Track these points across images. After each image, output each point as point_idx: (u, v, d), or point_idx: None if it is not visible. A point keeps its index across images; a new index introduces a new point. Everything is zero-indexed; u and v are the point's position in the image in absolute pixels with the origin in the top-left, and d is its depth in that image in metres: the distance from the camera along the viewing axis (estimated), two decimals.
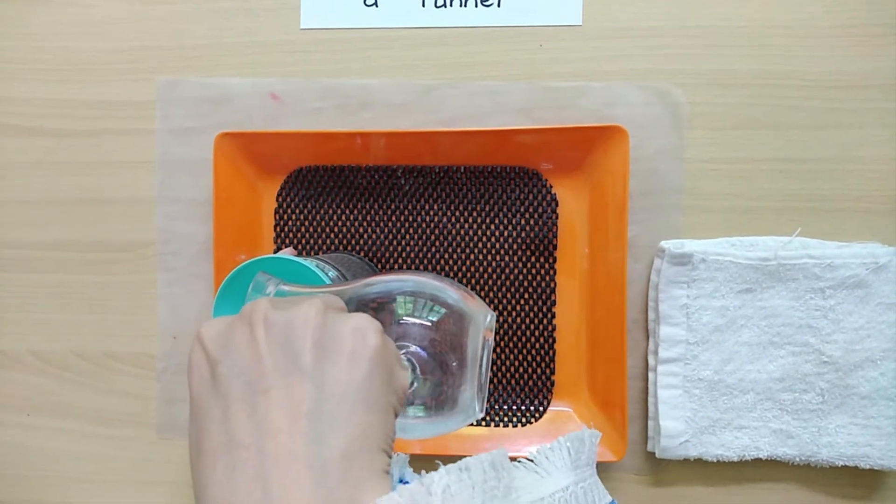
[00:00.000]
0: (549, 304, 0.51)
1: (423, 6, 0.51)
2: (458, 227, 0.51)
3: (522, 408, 0.51)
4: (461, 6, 0.51)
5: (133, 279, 0.54)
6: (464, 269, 0.51)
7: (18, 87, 0.54)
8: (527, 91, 0.51)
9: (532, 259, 0.51)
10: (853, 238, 0.49)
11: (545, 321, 0.51)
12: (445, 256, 0.51)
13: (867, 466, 0.47)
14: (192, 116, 0.52)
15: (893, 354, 0.47)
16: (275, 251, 0.52)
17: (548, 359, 0.51)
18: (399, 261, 0.51)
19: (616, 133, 0.47)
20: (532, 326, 0.51)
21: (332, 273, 0.42)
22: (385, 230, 0.51)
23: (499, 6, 0.51)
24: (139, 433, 0.54)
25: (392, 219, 0.51)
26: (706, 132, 0.50)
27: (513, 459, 0.31)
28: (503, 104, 0.51)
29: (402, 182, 0.51)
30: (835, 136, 0.49)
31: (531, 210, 0.50)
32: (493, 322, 0.35)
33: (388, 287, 0.34)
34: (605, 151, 0.48)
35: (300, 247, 0.52)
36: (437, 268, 0.51)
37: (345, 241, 0.52)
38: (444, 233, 0.51)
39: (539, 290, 0.51)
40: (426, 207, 0.51)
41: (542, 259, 0.51)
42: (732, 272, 0.47)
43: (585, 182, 0.50)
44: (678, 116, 0.50)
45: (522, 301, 0.51)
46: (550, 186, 0.50)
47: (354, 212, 0.52)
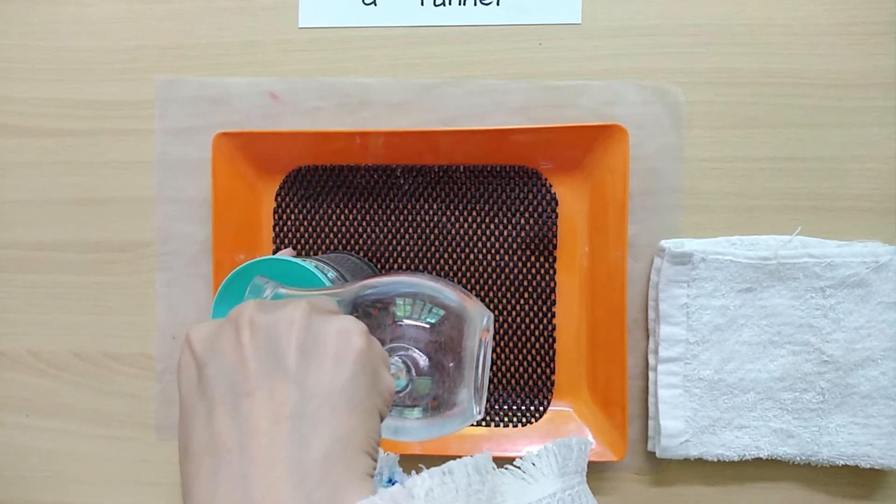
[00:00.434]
0: (549, 304, 0.50)
1: (422, 5, 0.51)
2: (458, 227, 0.51)
3: (522, 408, 0.51)
4: (460, 5, 0.51)
5: (132, 279, 0.53)
6: (463, 269, 0.51)
7: (16, 87, 0.54)
8: (526, 90, 0.50)
9: (532, 258, 0.50)
10: (853, 237, 0.49)
11: (545, 321, 0.51)
12: (445, 256, 0.51)
13: (868, 466, 0.47)
14: (191, 116, 0.52)
15: (894, 353, 0.46)
16: (274, 251, 0.52)
17: (548, 358, 0.51)
18: (398, 261, 0.51)
19: (616, 132, 0.47)
20: (532, 326, 0.51)
21: (332, 274, 0.42)
22: (384, 230, 0.51)
23: (498, 5, 0.51)
24: (138, 434, 0.54)
25: (391, 218, 0.51)
26: (706, 131, 0.50)
27: (502, 463, 0.31)
28: (502, 103, 0.51)
29: (402, 182, 0.51)
30: (835, 135, 0.49)
31: (531, 209, 0.50)
32: (491, 323, 0.35)
33: (387, 289, 0.34)
34: (605, 150, 0.48)
35: (299, 247, 0.52)
36: (437, 267, 0.51)
37: (344, 241, 0.52)
38: (444, 232, 0.51)
39: (539, 290, 0.50)
40: (426, 207, 0.51)
41: (542, 258, 0.50)
42: (732, 271, 0.47)
43: (585, 181, 0.50)
44: (677, 115, 0.50)
45: (522, 301, 0.51)
46: (550, 186, 0.50)
47: (354, 211, 0.51)
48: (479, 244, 0.51)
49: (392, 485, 0.37)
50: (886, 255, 0.46)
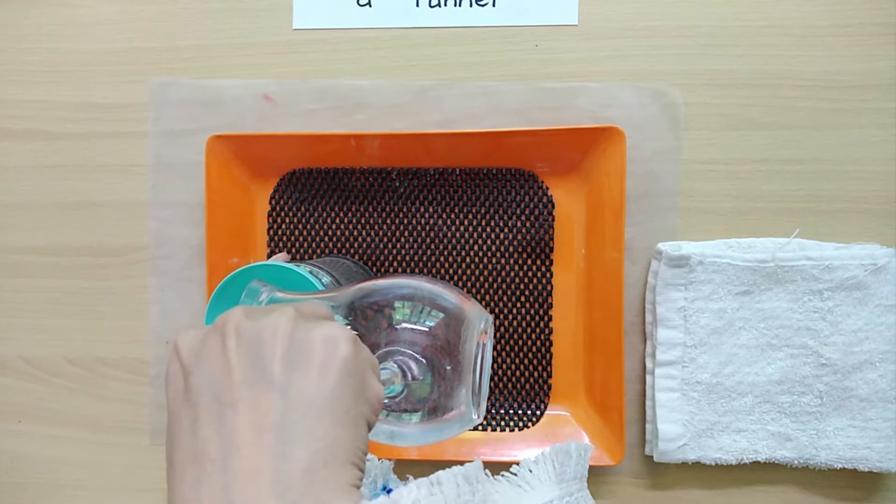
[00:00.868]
0: (546, 307, 0.50)
1: (418, 6, 0.51)
2: (454, 230, 0.50)
3: (519, 412, 0.50)
4: (456, 6, 0.51)
5: (125, 284, 0.53)
6: (460, 272, 0.51)
7: (8, 89, 0.53)
8: (522, 92, 0.50)
9: (528, 261, 0.50)
10: (851, 239, 0.49)
11: (542, 324, 0.50)
12: (441, 259, 0.51)
13: (866, 469, 0.47)
14: (185, 119, 0.52)
15: (892, 356, 0.46)
16: (268, 255, 0.52)
17: (545, 362, 0.50)
18: (394, 264, 0.51)
19: (613, 134, 0.46)
20: (529, 329, 0.50)
21: (326, 279, 0.41)
22: (380, 233, 0.51)
23: (494, 6, 0.50)
24: (132, 439, 0.53)
25: (387, 221, 0.51)
26: (703, 133, 0.49)
27: (498, 467, 0.30)
28: (499, 105, 0.50)
29: (397, 184, 0.51)
30: (832, 137, 0.49)
31: (527, 212, 0.50)
32: (490, 325, 0.34)
33: (383, 292, 0.33)
34: (602, 153, 0.47)
35: (294, 250, 0.52)
36: (433, 271, 0.51)
37: (339, 245, 0.51)
38: (440, 235, 0.51)
39: (536, 293, 0.50)
40: (421, 210, 0.51)
41: (539, 261, 0.50)
42: (730, 274, 0.47)
43: (582, 184, 0.50)
44: (675, 117, 0.49)
45: (519, 304, 0.50)
46: (547, 188, 0.50)
47: (349, 214, 0.51)
48: (476, 247, 0.50)
49: (386, 492, 0.37)
50: (885, 258, 0.46)
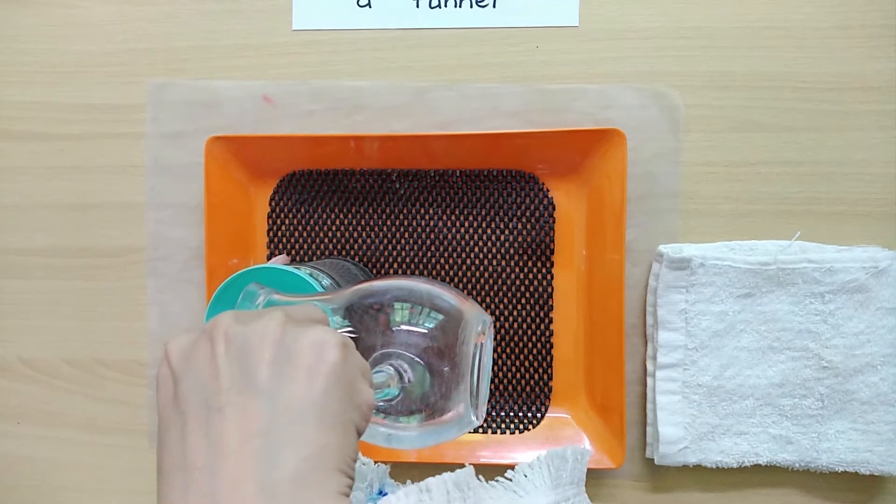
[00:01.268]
0: (547, 309, 0.50)
1: (418, 7, 0.51)
2: (454, 232, 0.50)
3: (520, 414, 0.50)
4: (456, 7, 0.50)
5: (123, 285, 0.53)
6: (460, 274, 0.50)
7: (5, 90, 0.53)
8: (522, 93, 0.50)
9: (529, 263, 0.50)
10: (853, 242, 0.48)
11: (542, 326, 0.50)
12: (441, 261, 0.50)
13: (867, 472, 0.47)
14: (183, 120, 0.52)
15: (893, 359, 0.46)
16: (268, 257, 0.51)
17: (545, 364, 0.50)
18: (394, 266, 0.51)
19: (614, 136, 0.46)
20: (529, 332, 0.50)
21: (326, 281, 0.41)
22: (380, 235, 0.51)
23: (494, 7, 0.50)
24: (130, 441, 0.53)
25: (387, 223, 0.51)
26: (703, 135, 0.49)
27: (498, 471, 0.30)
28: (498, 107, 0.50)
29: (397, 186, 0.50)
30: (833, 139, 0.49)
31: (528, 214, 0.50)
32: (488, 327, 0.34)
33: (381, 293, 0.33)
34: (603, 155, 0.47)
35: (293, 252, 0.51)
36: (433, 273, 0.51)
37: (339, 246, 0.51)
38: (440, 237, 0.50)
39: (536, 295, 0.50)
40: (421, 212, 0.50)
41: (539, 263, 0.50)
42: (731, 277, 0.47)
43: (582, 186, 0.49)
44: (675, 119, 0.49)
45: (519, 306, 0.50)
46: (547, 190, 0.50)
47: (349, 216, 0.51)
48: (476, 249, 0.50)
49: (382, 496, 0.37)
50: (886, 261, 0.46)
